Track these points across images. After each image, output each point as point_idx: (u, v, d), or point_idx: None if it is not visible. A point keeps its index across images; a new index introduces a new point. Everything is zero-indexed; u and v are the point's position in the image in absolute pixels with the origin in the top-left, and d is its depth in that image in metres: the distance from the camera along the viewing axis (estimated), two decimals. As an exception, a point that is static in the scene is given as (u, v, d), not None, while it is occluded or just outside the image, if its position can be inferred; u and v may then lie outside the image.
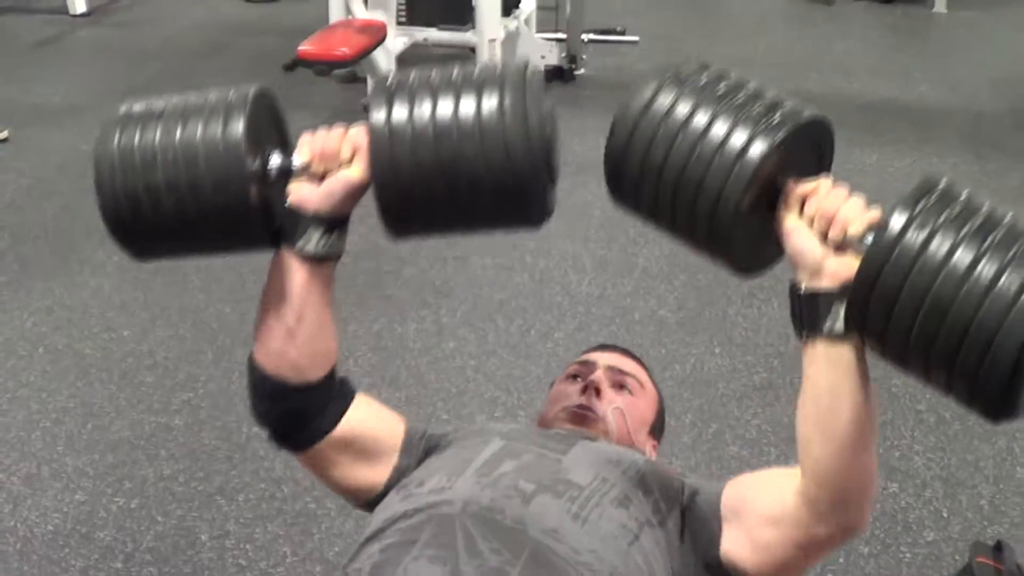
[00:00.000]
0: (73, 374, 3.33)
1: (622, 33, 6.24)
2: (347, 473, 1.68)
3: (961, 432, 3.04)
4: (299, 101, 5.46)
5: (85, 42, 6.80)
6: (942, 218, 1.25)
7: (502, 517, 1.46)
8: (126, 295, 3.76)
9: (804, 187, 1.39)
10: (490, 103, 1.42)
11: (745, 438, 3.01)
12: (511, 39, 5.80)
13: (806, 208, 1.38)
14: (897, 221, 1.25)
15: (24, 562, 2.59)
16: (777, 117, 1.36)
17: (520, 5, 5.83)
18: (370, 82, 5.33)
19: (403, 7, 5.55)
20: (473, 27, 5.47)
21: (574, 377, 1.92)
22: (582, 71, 5.89)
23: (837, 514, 1.45)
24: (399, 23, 5.49)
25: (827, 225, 1.35)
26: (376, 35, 4.90)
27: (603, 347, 2.05)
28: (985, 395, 1.24)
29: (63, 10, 7.09)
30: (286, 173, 1.54)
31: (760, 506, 1.53)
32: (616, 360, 1.95)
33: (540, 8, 6.17)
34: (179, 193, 1.46)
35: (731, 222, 1.36)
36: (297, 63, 5.26)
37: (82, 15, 7.09)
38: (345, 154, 1.51)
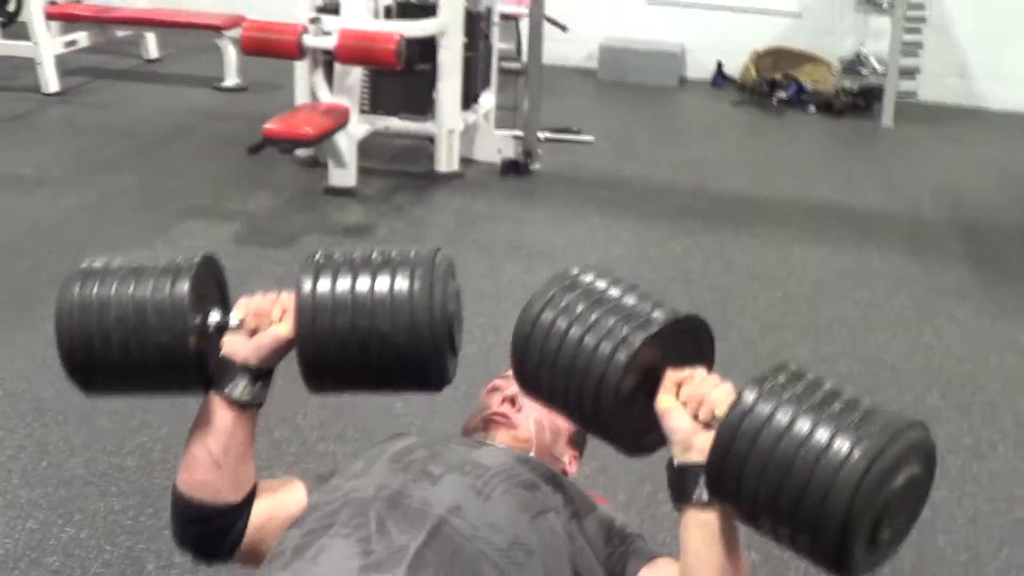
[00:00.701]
0: (30, 416, 3.44)
1: (578, 132, 6.49)
2: (268, 546, 1.78)
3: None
4: (261, 182, 5.67)
5: (56, 119, 6.99)
6: (786, 394, 1.41)
7: (410, 500, 1.60)
8: (85, 348, 3.88)
9: (680, 374, 1.56)
10: (401, 282, 1.65)
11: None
12: (469, 132, 6.03)
13: (680, 392, 1.55)
14: (747, 397, 1.42)
15: (-21, 583, 2.69)
16: (654, 313, 1.55)
17: (480, 100, 6.07)
18: (331, 165, 5.53)
19: (366, 95, 5.76)
20: (433, 118, 5.69)
21: (495, 390, 2.07)
22: (538, 166, 6.10)
23: None
24: (362, 111, 5.70)
25: (698, 406, 1.52)
26: (339, 118, 5.11)
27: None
28: (823, 547, 1.38)
29: (36, 88, 7.29)
30: (222, 328, 1.75)
31: None
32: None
33: (499, 107, 6.41)
34: (127, 338, 1.67)
35: (613, 403, 1.53)
36: (262, 145, 5.44)
37: (55, 94, 7.29)
38: (275, 315, 1.71)
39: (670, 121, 7.79)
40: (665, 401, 1.54)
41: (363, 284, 1.65)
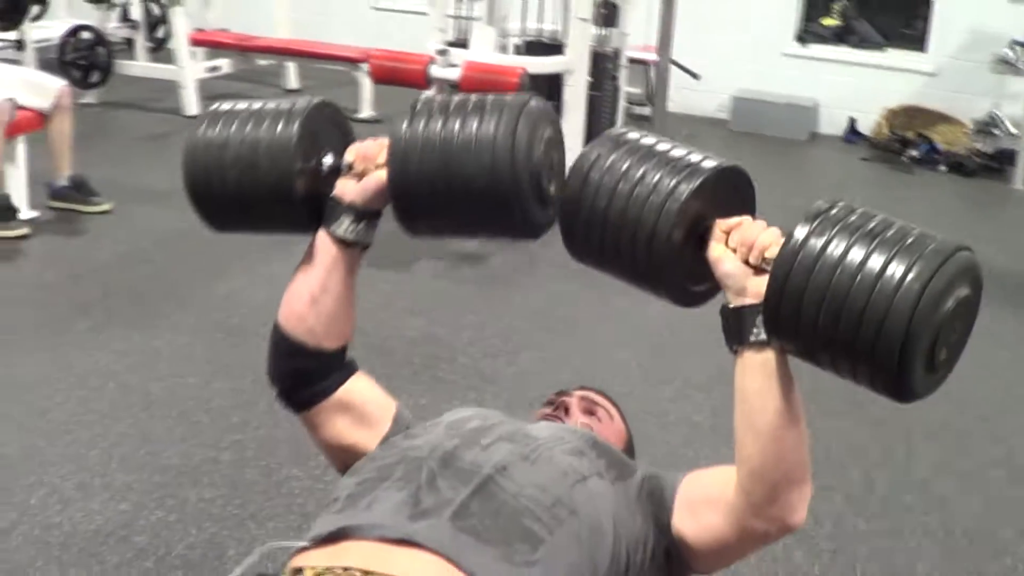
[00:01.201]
0: (137, 407, 3.59)
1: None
2: (339, 436, 1.88)
3: (968, 547, 3.14)
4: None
5: (194, 140, 7.25)
6: (837, 227, 1.46)
7: (460, 461, 1.66)
8: (196, 350, 4.05)
9: (728, 222, 1.61)
10: (487, 125, 1.68)
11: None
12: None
13: (730, 239, 1.60)
14: (799, 232, 1.47)
15: (64, 552, 2.81)
16: (702, 164, 1.61)
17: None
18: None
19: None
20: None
21: (549, 404, 2.12)
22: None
23: (770, 507, 1.62)
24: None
25: (748, 251, 1.58)
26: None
27: (582, 387, 2.24)
28: (884, 373, 1.43)
29: (177, 111, 7.60)
30: (336, 171, 1.82)
31: (707, 493, 1.71)
32: (591, 394, 2.16)
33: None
34: (240, 175, 1.77)
35: (666, 255, 1.58)
36: None
37: (195, 117, 7.55)
38: (381, 159, 1.77)
39: (800, 173, 7.76)
40: (716, 249, 1.60)
41: (452, 127, 1.69)
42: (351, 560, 1.50)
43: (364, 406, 1.89)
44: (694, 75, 7.53)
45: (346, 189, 1.79)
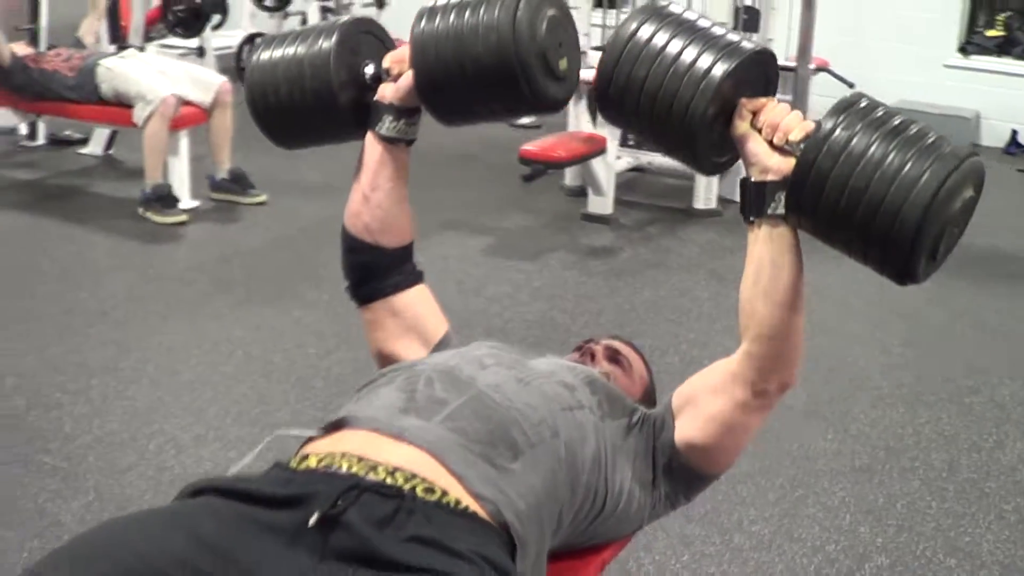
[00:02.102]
0: (258, 373, 3.88)
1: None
2: (388, 339, 2.06)
3: (1041, 534, 3.18)
4: (524, 206, 6.01)
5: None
6: (862, 122, 1.61)
7: (459, 374, 1.82)
8: (323, 326, 4.31)
9: (755, 103, 1.75)
10: (490, 10, 1.84)
11: (826, 505, 3.23)
12: (735, 173, 6.16)
13: (756, 120, 1.74)
14: (828, 122, 1.63)
15: (172, 489, 3.03)
16: (737, 46, 1.74)
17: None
18: (589, 193, 5.83)
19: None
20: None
21: (578, 349, 2.27)
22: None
23: (776, 369, 1.78)
24: (628, 145, 5.98)
25: (772, 132, 1.72)
26: (594, 147, 5.41)
27: (612, 336, 2.35)
28: (894, 257, 1.60)
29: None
30: (377, 79, 2.00)
31: (708, 384, 1.86)
32: (616, 343, 2.27)
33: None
34: (290, 88, 1.98)
35: (698, 126, 1.71)
36: (535, 175, 5.82)
37: (361, 119, 7.90)
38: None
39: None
40: (742, 127, 1.73)
41: (462, 18, 1.86)
42: (348, 446, 1.67)
43: (416, 317, 2.06)
44: (849, 84, 7.52)
45: (385, 92, 1.96)
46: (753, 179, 1.72)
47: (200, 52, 8.38)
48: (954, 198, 1.58)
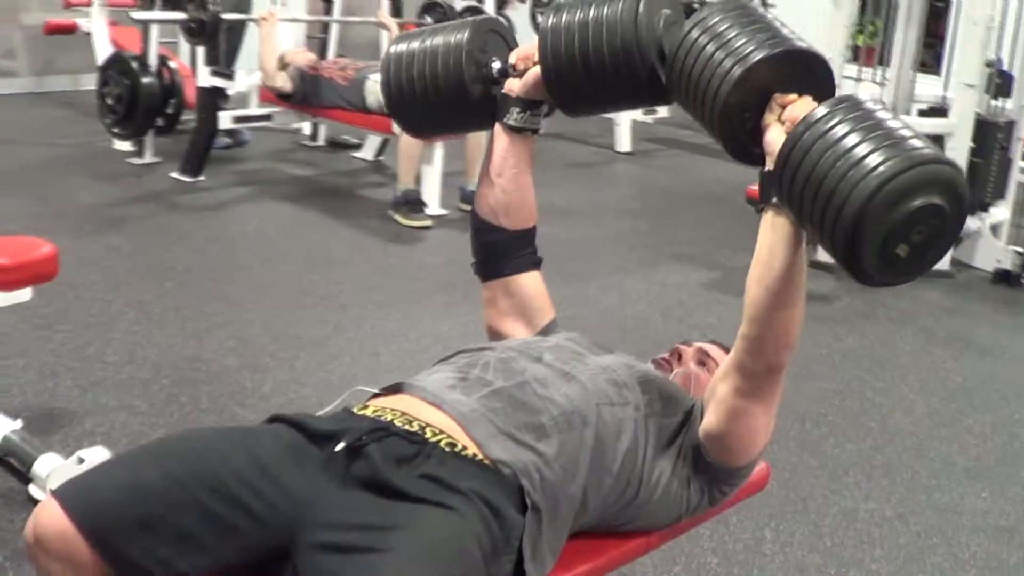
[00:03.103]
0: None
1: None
2: (499, 316, 2.29)
3: None
4: (750, 246, 6.11)
5: (619, 172, 7.92)
6: (851, 114, 1.65)
7: (514, 363, 2.03)
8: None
9: (786, 98, 1.83)
10: (613, 9, 2.03)
11: (957, 557, 3.25)
12: (971, 237, 6.13)
13: (783, 113, 1.79)
14: (812, 113, 1.68)
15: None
16: (779, 40, 1.82)
17: (988, 209, 6.16)
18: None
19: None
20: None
21: (670, 350, 2.43)
22: (1030, 281, 6.05)
23: (762, 351, 1.86)
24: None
25: (792, 126, 1.74)
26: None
27: (710, 340, 2.49)
28: (839, 250, 1.64)
29: (611, 147, 8.24)
30: (504, 73, 2.23)
31: (719, 373, 2.00)
32: (709, 346, 2.42)
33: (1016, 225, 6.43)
34: (424, 83, 2.22)
35: (720, 112, 1.82)
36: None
37: (624, 153, 8.18)
38: (536, 56, 2.15)
39: None
40: (767, 118, 1.82)
41: (586, 14, 2.06)
42: (397, 404, 1.93)
43: (526, 300, 2.29)
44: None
45: (512, 86, 2.20)
46: (765, 168, 1.80)
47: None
48: (905, 199, 1.58)
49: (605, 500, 1.97)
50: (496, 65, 2.23)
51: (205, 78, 6.53)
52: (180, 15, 6.26)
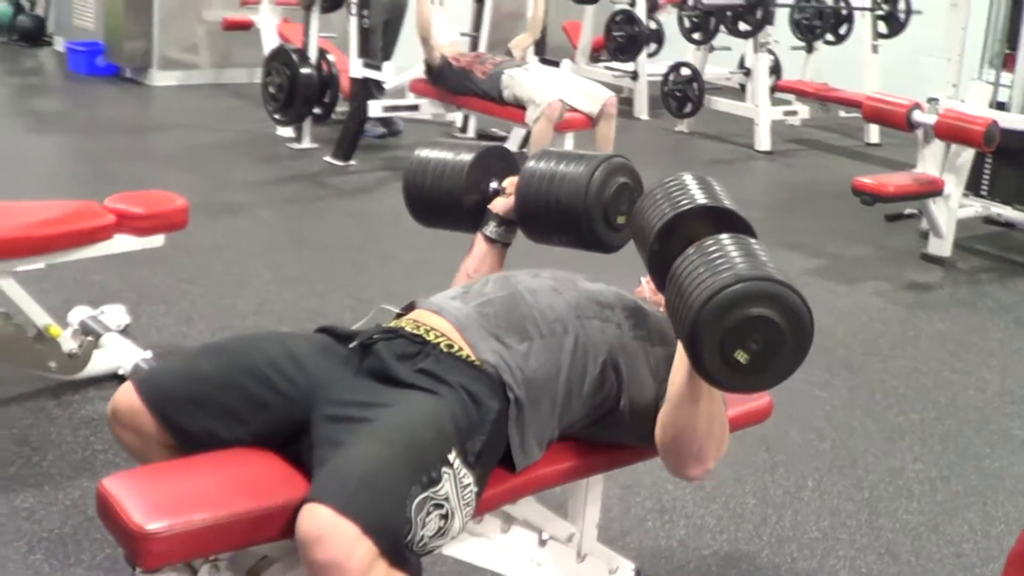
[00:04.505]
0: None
1: None
2: None
3: None
4: (876, 242, 6.33)
5: (754, 168, 8.19)
6: (717, 248, 1.96)
7: (511, 279, 2.38)
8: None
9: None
10: (577, 166, 2.51)
11: (989, 515, 3.45)
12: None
13: None
14: (694, 246, 2.02)
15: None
16: (696, 199, 2.15)
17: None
18: (930, 235, 6.07)
19: (987, 178, 6.23)
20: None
21: None
22: None
23: (669, 456, 2.20)
24: (979, 195, 6.20)
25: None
26: (926, 187, 5.70)
27: None
28: (686, 350, 1.96)
29: (750, 146, 8.50)
30: (496, 192, 2.67)
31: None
32: None
33: None
34: (432, 186, 2.68)
35: (651, 255, 2.15)
36: (898, 215, 6.23)
37: (763, 152, 8.43)
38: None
39: None
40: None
41: (557, 165, 2.53)
42: (412, 315, 2.33)
43: None
44: None
45: (497, 204, 2.64)
46: None
47: (634, 76, 9.19)
48: (733, 310, 1.85)
49: (587, 402, 2.27)
50: (493, 184, 2.67)
51: (358, 69, 7.03)
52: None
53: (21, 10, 10.92)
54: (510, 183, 2.63)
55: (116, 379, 3.61)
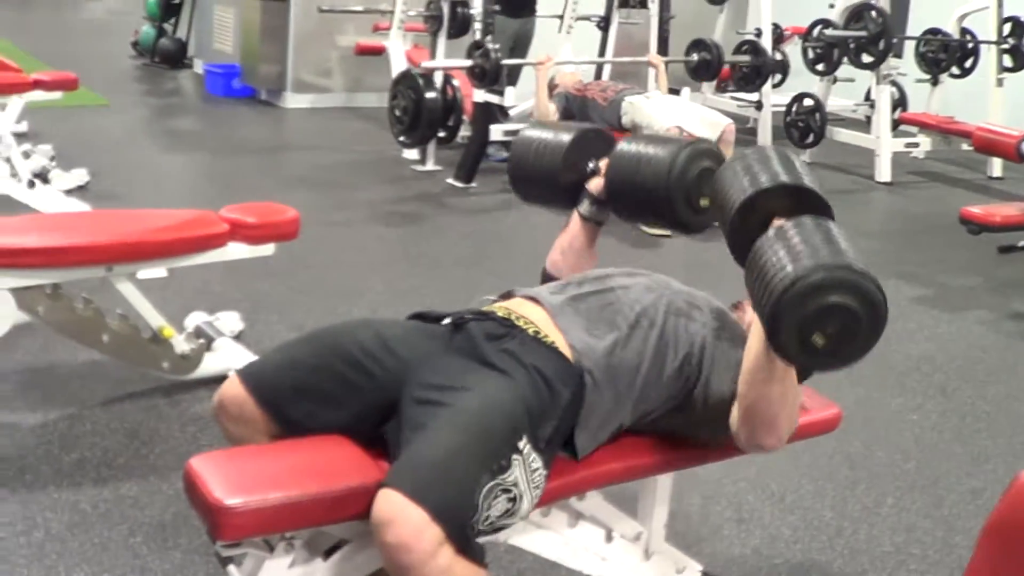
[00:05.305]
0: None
1: None
2: None
3: None
4: (986, 272, 6.31)
5: (872, 199, 8.21)
6: (798, 231, 2.05)
7: (608, 279, 2.49)
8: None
9: (779, 219, 2.14)
10: (664, 150, 2.61)
11: None
12: None
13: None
14: (776, 228, 2.11)
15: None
16: (778, 175, 2.20)
17: None
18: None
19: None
20: None
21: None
22: None
23: (745, 425, 2.28)
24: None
25: None
26: (1030, 216, 5.71)
27: None
28: (768, 335, 2.05)
29: (871, 176, 8.51)
30: (594, 172, 2.77)
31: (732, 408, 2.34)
32: None
33: None
34: (535, 166, 2.83)
35: (731, 228, 2.22)
36: (1011, 247, 6.23)
37: (884, 183, 8.43)
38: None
39: None
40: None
41: (645, 147, 2.64)
42: (506, 303, 2.49)
43: None
44: None
45: (592, 183, 2.76)
46: None
47: (758, 106, 9.25)
48: (814, 295, 1.94)
49: (664, 392, 2.39)
50: (591, 164, 2.78)
51: (480, 94, 7.24)
52: (466, 62, 7.15)
53: (163, 33, 11.43)
54: (604, 163, 2.73)
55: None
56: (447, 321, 2.42)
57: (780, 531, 3.30)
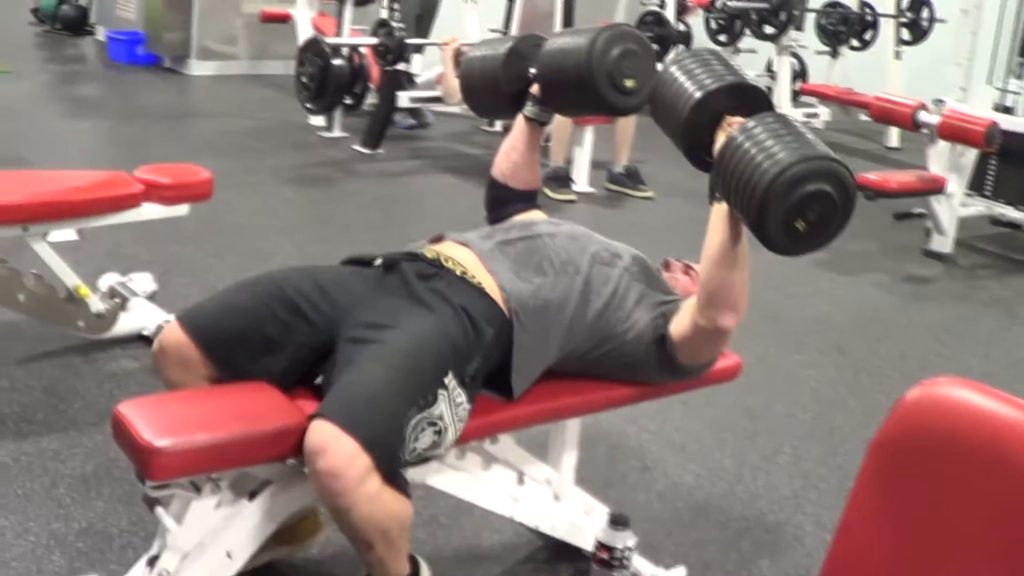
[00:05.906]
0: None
1: None
2: None
3: None
4: (882, 238, 6.51)
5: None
6: (764, 127, 2.15)
7: (534, 226, 2.62)
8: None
9: (731, 118, 2.34)
10: (582, 37, 2.68)
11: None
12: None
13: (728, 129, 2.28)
14: (742, 125, 2.19)
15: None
16: (727, 76, 2.37)
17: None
18: (932, 232, 6.25)
19: (991, 178, 6.40)
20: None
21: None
22: None
23: (707, 309, 2.38)
24: (982, 194, 6.38)
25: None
26: (928, 185, 5.89)
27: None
28: (751, 224, 2.16)
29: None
30: (536, 76, 2.85)
31: (686, 305, 2.51)
32: (695, 264, 2.91)
33: None
34: (480, 75, 2.93)
35: (682, 126, 2.36)
36: (907, 215, 6.41)
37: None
38: None
39: None
40: (718, 133, 2.29)
41: (564, 42, 2.73)
42: (436, 246, 2.58)
43: None
44: None
45: (535, 86, 2.83)
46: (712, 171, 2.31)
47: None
48: (799, 185, 2.08)
49: (588, 330, 2.50)
50: (532, 71, 2.85)
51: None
52: (371, 40, 7.25)
53: (65, 0, 11.26)
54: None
55: (141, 339, 3.87)
56: (379, 262, 2.52)
57: (683, 478, 3.43)
